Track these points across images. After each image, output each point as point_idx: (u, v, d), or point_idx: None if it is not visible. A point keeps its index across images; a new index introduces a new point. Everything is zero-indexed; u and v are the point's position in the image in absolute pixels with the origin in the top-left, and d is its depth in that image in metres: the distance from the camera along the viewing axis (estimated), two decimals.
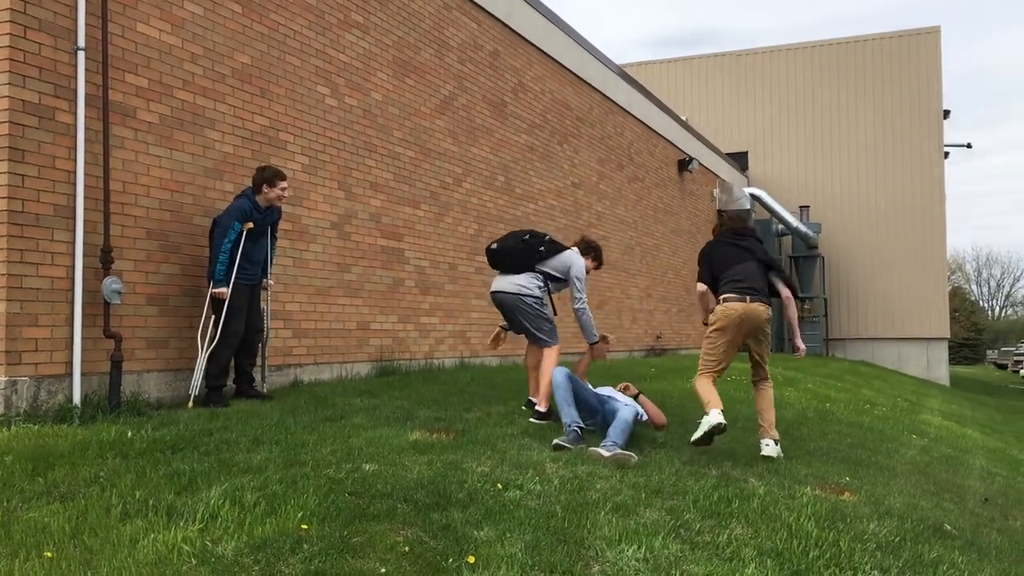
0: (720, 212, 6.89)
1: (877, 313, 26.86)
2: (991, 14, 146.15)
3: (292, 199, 7.77)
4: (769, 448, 6.01)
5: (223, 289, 6.36)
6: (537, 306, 6.50)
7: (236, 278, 6.45)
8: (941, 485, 6.38)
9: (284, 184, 6.69)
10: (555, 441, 5.46)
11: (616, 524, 3.86)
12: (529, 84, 12.55)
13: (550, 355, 6.47)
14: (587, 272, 6.74)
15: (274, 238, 6.94)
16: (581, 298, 6.53)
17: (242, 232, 6.44)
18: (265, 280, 6.87)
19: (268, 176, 6.59)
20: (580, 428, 5.67)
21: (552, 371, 6.22)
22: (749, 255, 6.33)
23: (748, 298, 6.03)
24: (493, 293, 6.62)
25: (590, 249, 6.88)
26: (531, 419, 6.25)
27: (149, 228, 6.35)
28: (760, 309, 6.03)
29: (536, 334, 6.55)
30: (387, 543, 3.40)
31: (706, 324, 6.21)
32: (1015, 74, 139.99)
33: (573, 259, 6.62)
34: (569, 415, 5.81)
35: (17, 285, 5.41)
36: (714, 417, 5.62)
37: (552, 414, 6.24)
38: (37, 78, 5.59)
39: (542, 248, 6.57)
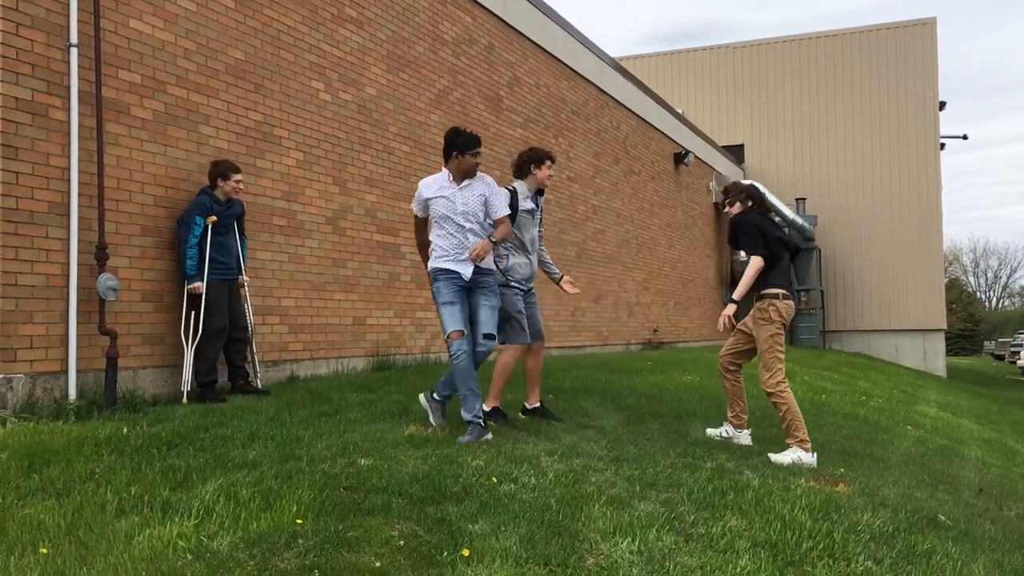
0: (730, 189, 5.92)
1: (874, 305, 26.91)
2: (992, 6, 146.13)
3: (287, 194, 7.77)
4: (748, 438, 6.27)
5: (197, 284, 6.43)
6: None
7: (210, 274, 6.50)
8: (936, 476, 6.40)
9: (238, 177, 6.70)
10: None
11: (610, 517, 3.87)
12: (524, 78, 12.54)
13: (506, 353, 5.99)
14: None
15: (243, 235, 6.95)
16: None
17: (206, 226, 6.49)
18: (241, 277, 6.89)
19: (221, 170, 6.63)
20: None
21: (503, 368, 5.96)
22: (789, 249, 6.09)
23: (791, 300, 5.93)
24: None
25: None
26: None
27: (144, 225, 6.35)
28: None
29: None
30: (382, 537, 3.41)
31: (735, 302, 5.83)
32: (1014, 67, 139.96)
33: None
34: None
35: (12, 282, 5.41)
36: (811, 460, 5.59)
37: (498, 414, 5.95)
38: (30, 75, 5.58)
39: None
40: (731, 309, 5.92)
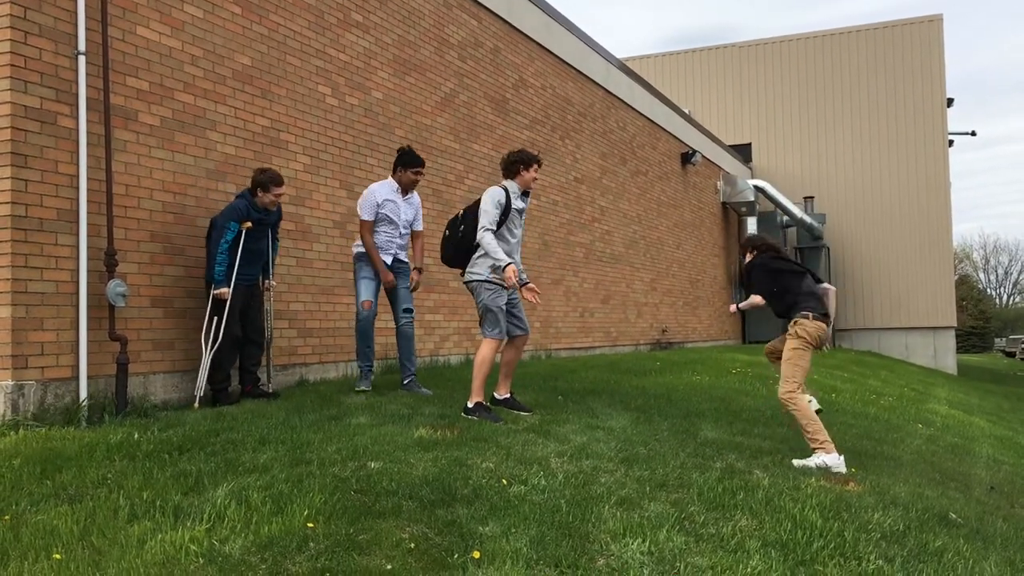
0: (743, 245, 6.90)
1: (883, 303, 26.80)
2: (1003, 6, 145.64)
3: (295, 199, 7.80)
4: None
5: (224, 289, 6.38)
6: (480, 290, 6.15)
7: (234, 279, 6.48)
8: (947, 474, 6.38)
9: (279, 190, 6.60)
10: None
11: (621, 517, 3.88)
12: (530, 80, 12.55)
13: (483, 347, 6.11)
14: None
15: (276, 239, 6.95)
16: (483, 224, 6.05)
17: (240, 232, 6.46)
18: (267, 281, 6.89)
19: (263, 181, 6.52)
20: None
21: (481, 362, 6.07)
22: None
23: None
24: None
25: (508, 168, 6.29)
26: (462, 412, 6.05)
27: (152, 231, 6.38)
28: None
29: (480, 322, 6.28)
30: (393, 540, 3.42)
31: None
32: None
33: (483, 197, 6.20)
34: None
35: (22, 290, 5.44)
36: (840, 465, 5.51)
37: (481, 409, 6.02)
38: (38, 83, 5.61)
39: (462, 227, 6.27)
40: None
